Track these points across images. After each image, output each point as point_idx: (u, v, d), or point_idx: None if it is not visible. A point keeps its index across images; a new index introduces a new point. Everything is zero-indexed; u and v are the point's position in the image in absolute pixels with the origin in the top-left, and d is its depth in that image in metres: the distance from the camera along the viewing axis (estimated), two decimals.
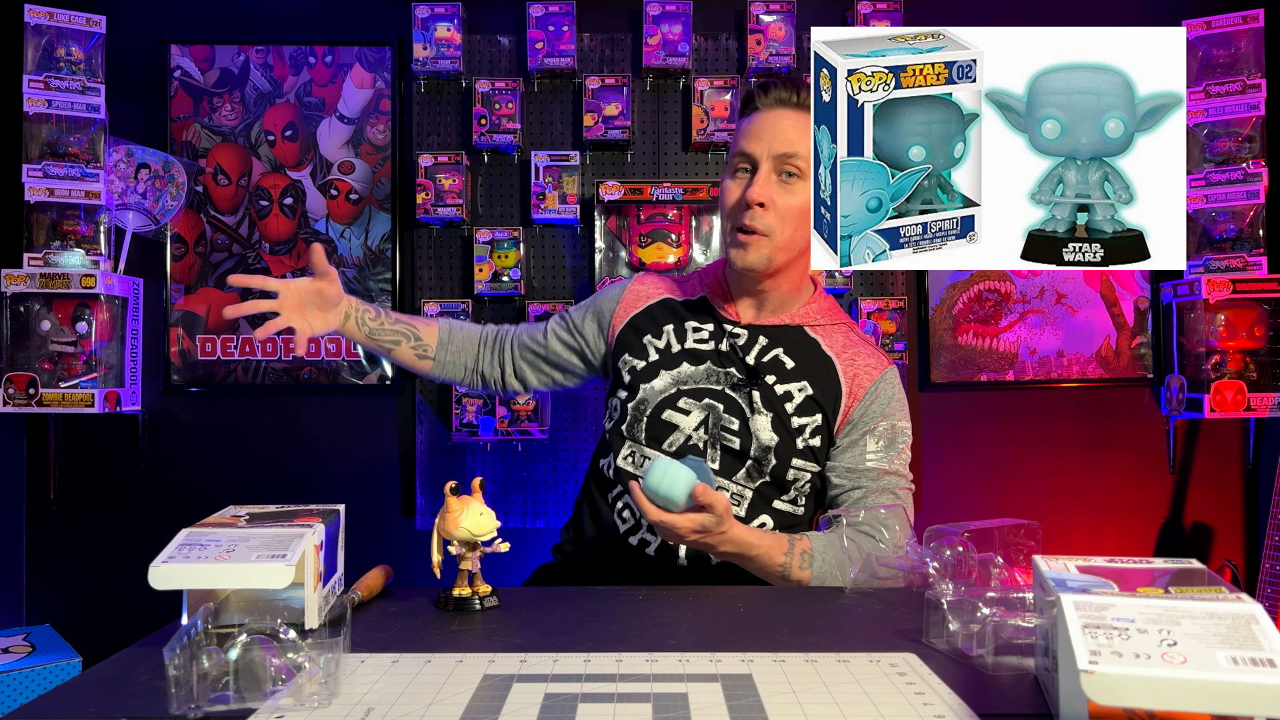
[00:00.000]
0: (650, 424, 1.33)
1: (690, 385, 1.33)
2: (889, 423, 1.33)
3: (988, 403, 2.47)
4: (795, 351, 1.34)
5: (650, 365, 1.36)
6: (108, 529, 2.42)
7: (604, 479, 1.40)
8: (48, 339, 2.27)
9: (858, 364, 1.35)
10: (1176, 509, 2.46)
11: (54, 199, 2.23)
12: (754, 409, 1.30)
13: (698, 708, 0.69)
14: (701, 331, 1.37)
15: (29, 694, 1.98)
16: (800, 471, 1.31)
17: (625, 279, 1.51)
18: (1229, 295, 2.22)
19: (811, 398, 1.31)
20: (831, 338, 1.37)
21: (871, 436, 1.32)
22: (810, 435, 1.31)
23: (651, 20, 2.34)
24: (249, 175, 2.44)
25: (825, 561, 1.20)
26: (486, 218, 2.43)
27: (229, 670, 0.68)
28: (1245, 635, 0.59)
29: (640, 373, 1.36)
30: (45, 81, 2.22)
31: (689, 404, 1.32)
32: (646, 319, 1.41)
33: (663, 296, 1.44)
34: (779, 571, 1.19)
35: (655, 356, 1.36)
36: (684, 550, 1.30)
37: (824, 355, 1.35)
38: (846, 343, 1.37)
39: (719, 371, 1.34)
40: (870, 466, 1.31)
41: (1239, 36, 2.30)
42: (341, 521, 1.02)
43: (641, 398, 1.34)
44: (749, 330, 1.36)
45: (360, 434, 2.45)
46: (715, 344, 1.35)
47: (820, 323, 1.38)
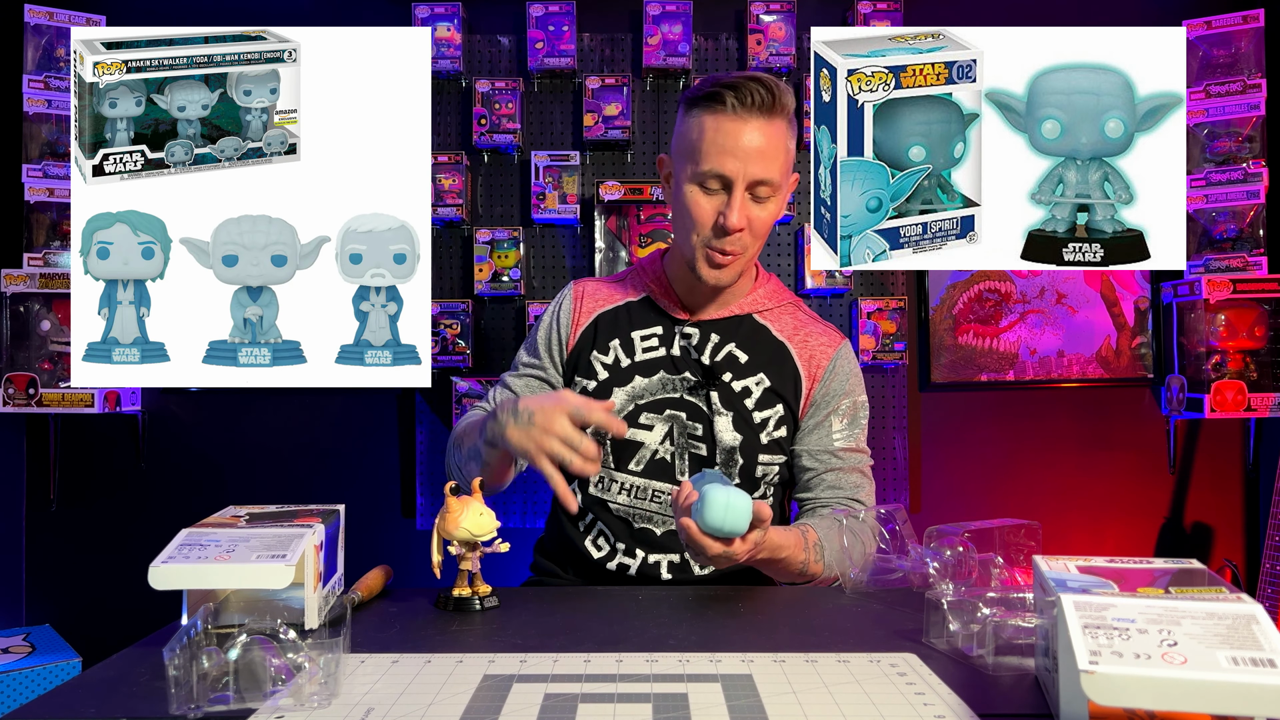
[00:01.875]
0: (615, 446, 1.30)
1: (648, 399, 1.30)
2: (850, 400, 1.34)
3: (988, 403, 2.47)
4: (748, 344, 1.32)
5: (601, 385, 1.32)
6: (108, 529, 2.42)
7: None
8: (48, 339, 2.27)
9: (811, 344, 1.35)
10: (1177, 509, 2.46)
11: (54, 199, 2.23)
12: (714, 410, 1.29)
13: (698, 708, 0.69)
14: (651, 339, 1.33)
15: (29, 694, 1.98)
16: (768, 466, 1.31)
17: (563, 292, 1.43)
18: (1229, 295, 2.22)
19: (770, 390, 1.30)
20: (781, 321, 1.36)
21: (835, 416, 1.32)
22: (774, 428, 1.30)
23: (651, 20, 2.34)
24: None
25: (831, 549, 1.21)
26: (486, 218, 2.43)
27: (229, 670, 0.68)
28: (1245, 635, 0.59)
29: (592, 393, 1.31)
30: (45, 81, 2.22)
31: (650, 418, 1.30)
32: (592, 332, 1.36)
33: (604, 308, 1.38)
34: (799, 568, 1.18)
35: (605, 375, 1.32)
36: (665, 567, 1.29)
37: (776, 341, 1.34)
38: (796, 324, 1.37)
39: (673, 379, 1.31)
40: (838, 446, 1.32)
41: (1239, 36, 2.30)
42: (341, 521, 1.02)
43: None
44: (700, 327, 1.33)
45: (360, 434, 2.45)
46: (666, 348, 1.32)
47: (767, 307, 1.36)
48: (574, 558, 1.36)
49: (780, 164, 1.23)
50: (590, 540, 1.33)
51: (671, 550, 1.29)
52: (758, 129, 1.20)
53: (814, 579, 1.22)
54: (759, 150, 1.20)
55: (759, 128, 1.20)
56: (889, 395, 2.41)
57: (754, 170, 1.21)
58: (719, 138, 1.21)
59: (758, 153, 1.20)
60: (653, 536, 1.29)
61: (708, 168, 1.21)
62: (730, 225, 1.21)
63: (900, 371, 2.40)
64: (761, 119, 1.20)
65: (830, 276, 2.34)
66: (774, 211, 1.26)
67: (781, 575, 1.21)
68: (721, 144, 1.20)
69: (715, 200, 1.23)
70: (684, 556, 1.29)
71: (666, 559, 1.29)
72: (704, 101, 1.23)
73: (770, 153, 1.21)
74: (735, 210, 1.21)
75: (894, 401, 2.40)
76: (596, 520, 1.32)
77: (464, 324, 2.34)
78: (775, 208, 1.26)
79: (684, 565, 1.29)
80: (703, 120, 1.22)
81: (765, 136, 1.21)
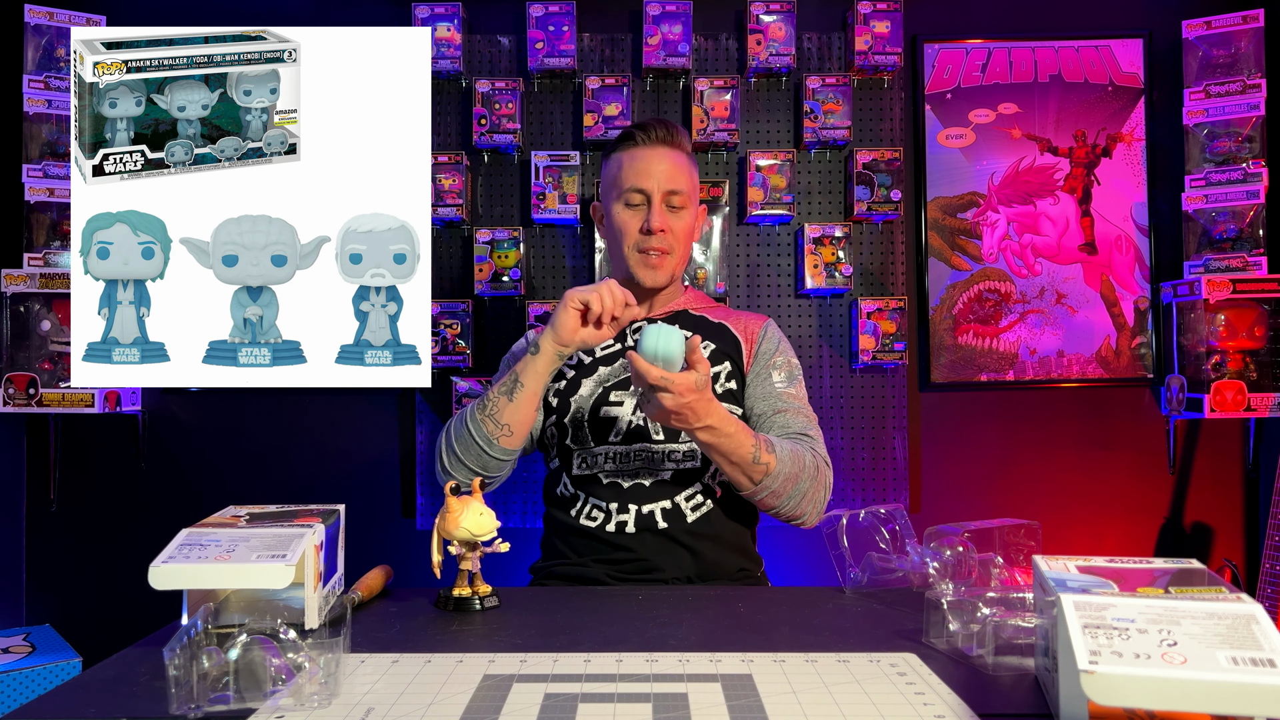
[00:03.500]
0: (591, 426, 1.46)
1: (614, 380, 1.49)
2: (783, 358, 1.54)
3: (988, 403, 2.47)
4: (689, 325, 1.55)
5: (570, 382, 1.50)
6: (108, 529, 2.42)
7: (565, 498, 1.48)
8: (48, 339, 2.27)
9: (743, 322, 1.58)
10: (1177, 509, 2.46)
11: (54, 199, 2.23)
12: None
13: (698, 708, 0.69)
14: (609, 345, 1.53)
15: (29, 694, 1.98)
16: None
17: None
18: (1229, 295, 2.22)
19: (718, 350, 1.52)
20: (714, 312, 1.61)
21: (774, 369, 1.52)
22: (726, 380, 1.50)
23: (651, 20, 2.34)
24: None
25: (782, 448, 1.34)
26: (486, 218, 2.43)
27: (229, 670, 0.68)
28: (1245, 635, 0.59)
29: (563, 391, 1.49)
30: (45, 81, 2.22)
31: (619, 395, 1.47)
32: None
33: None
34: (750, 454, 1.30)
35: (571, 374, 1.51)
36: (660, 515, 1.40)
37: (714, 324, 1.57)
38: (726, 313, 1.61)
39: None
40: (781, 392, 1.50)
41: (1239, 36, 2.30)
42: (341, 521, 1.02)
43: (575, 409, 1.47)
44: (647, 321, 1.53)
45: (360, 434, 2.45)
46: (621, 343, 1.54)
47: (699, 306, 1.62)
48: (575, 544, 1.44)
49: (685, 181, 1.52)
50: (585, 516, 1.43)
51: (662, 498, 1.41)
52: (664, 155, 1.52)
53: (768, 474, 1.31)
54: (666, 170, 1.51)
55: (664, 154, 1.52)
56: (889, 395, 2.41)
57: (665, 183, 1.50)
58: (635, 164, 1.52)
59: (666, 171, 1.51)
60: (643, 490, 1.42)
61: (629, 186, 1.51)
62: (653, 226, 1.49)
63: (900, 371, 2.40)
64: (666, 148, 1.52)
65: (830, 276, 2.34)
66: (688, 223, 1.54)
67: (735, 465, 1.31)
68: (638, 169, 1.51)
69: (639, 212, 1.52)
70: (674, 501, 1.41)
71: (659, 506, 1.41)
72: (619, 144, 1.56)
73: (675, 172, 1.51)
74: (656, 214, 1.50)
75: (894, 401, 2.40)
76: (588, 498, 1.44)
77: (464, 324, 2.34)
78: (689, 219, 1.55)
79: (676, 511, 1.41)
80: (620, 157, 1.54)
81: (670, 160, 1.52)
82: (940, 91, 2.46)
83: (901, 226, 2.42)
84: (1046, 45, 2.45)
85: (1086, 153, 2.44)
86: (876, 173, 2.35)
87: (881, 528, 1.17)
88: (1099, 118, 2.44)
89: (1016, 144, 2.45)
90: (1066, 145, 2.44)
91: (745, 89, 2.42)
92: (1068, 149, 2.45)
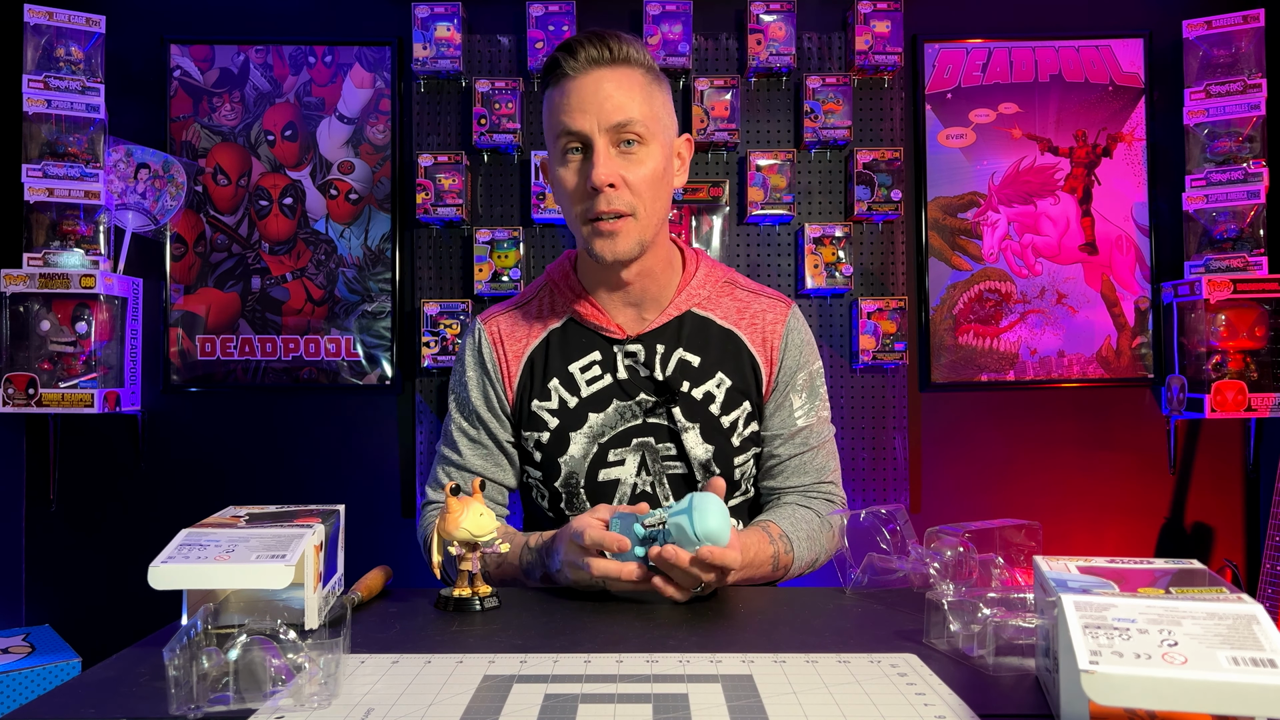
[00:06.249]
0: (589, 492, 1.23)
1: (609, 434, 1.21)
2: (805, 372, 1.28)
3: (988, 403, 2.47)
4: (696, 344, 1.23)
5: (555, 433, 1.22)
6: (108, 529, 2.42)
7: (557, 520, 1.27)
8: (47, 339, 2.27)
9: (760, 324, 1.27)
10: (1177, 509, 2.46)
11: (54, 199, 2.23)
12: (681, 426, 1.21)
13: (698, 708, 0.69)
14: (591, 368, 1.23)
15: (29, 694, 1.97)
16: (743, 466, 1.26)
17: (473, 338, 1.30)
18: (1229, 295, 2.22)
19: (732, 389, 1.23)
20: (722, 306, 1.27)
21: (794, 393, 1.26)
22: (744, 427, 1.24)
23: (651, 20, 2.34)
24: (248, 175, 2.44)
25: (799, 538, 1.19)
26: (486, 218, 2.43)
27: (229, 671, 0.68)
28: (1246, 635, 0.59)
29: (548, 445, 1.22)
30: (45, 81, 2.22)
31: (619, 453, 1.22)
32: (527, 379, 1.25)
33: (531, 345, 1.26)
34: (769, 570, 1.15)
35: (555, 422, 1.22)
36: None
37: (724, 332, 1.25)
38: (739, 306, 1.28)
39: (629, 405, 1.22)
40: (800, 425, 1.26)
41: (1239, 36, 2.30)
42: (341, 522, 1.02)
43: (567, 471, 1.22)
44: (643, 342, 1.23)
45: (360, 434, 2.45)
46: (611, 373, 1.22)
47: (704, 295, 1.27)
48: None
49: (640, 107, 1.12)
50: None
51: None
52: (603, 77, 1.11)
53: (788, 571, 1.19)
54: (608, 96, 1.10)
55: (603, 76, 1.11)
56: (889, 395, 2.41)
57: (608, 116, 1.10)
58: (566, 100, 1.12)
59: (607, 99, 1.10)
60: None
61: (560, 130, 1.13)
62: (598, 179, 1.09)
63: (900, 371, 2.40)
64: (604, 69, 1.11)
65: (830, 277, 2.33)
66: (654, 167, 1.14)
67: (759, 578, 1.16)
68: (569, 104, 1.12)
69: (578, 164, 1.14)
70: None
71: None
72: (547, 77, 1.16)
73: (622, 97, 1.11)
74: (600, 164, 1.10)
75: (894, 401, 2.40)
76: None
77: (464, 324, 2.34)
78: (656, 159, 1.14)
79: None
80: (551, 95, 1.15)
81: (612, 82, 1.11)
82: (940, 91, 2.46)
83: (902, 226, 2.42)
84: (1047, 45, 2.45)
85: (1087, 153, 2.44)
86: (877, 172, 2.35)
87: (882, 528, 1.17)
88: (1099, 117, 2.44)
89: (1017, 144, 2.45)
90: (1067, 145, 2.45)
91: (745, 89, 2.42)
92: (1068, 149, 2.45)
